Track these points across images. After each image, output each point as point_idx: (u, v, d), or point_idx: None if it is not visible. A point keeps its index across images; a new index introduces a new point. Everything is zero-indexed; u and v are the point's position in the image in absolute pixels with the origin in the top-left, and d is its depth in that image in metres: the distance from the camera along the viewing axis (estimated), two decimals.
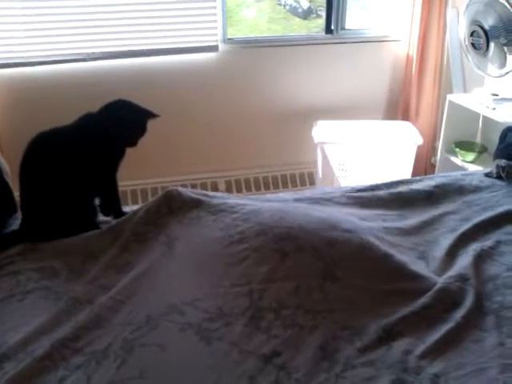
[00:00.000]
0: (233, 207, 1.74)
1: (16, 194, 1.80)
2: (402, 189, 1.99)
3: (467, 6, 2.69)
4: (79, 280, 1.51)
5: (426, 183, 2.04)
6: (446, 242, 1.66)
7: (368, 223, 1.72)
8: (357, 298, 1.40)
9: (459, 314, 1.33)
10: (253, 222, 1.62)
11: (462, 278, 1.44)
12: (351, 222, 1.66)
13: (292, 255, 1.49)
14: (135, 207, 2.03)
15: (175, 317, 1.31)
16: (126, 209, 1.95)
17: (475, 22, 2.64)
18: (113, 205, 1.87)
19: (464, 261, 1.53)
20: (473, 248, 1.60)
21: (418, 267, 1.51)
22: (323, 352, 1.23)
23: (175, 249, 1.59)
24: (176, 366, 1.18)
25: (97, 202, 1.83)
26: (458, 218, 1.81)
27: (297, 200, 1.90)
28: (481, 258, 1.55)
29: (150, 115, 1.82)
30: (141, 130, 1.81)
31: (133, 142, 1.81)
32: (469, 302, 1.37)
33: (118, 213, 1.86)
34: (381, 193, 1.96)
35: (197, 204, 1.78)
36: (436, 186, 2.01)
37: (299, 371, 1.17)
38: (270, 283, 1.42)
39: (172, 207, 1.77)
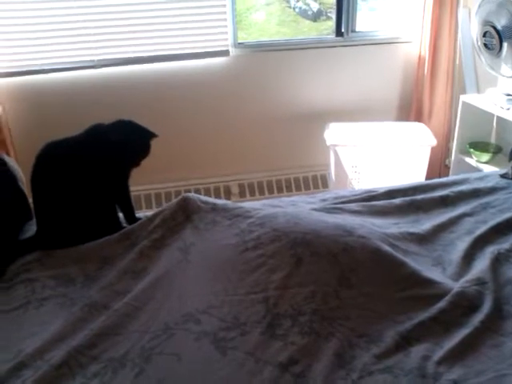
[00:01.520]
0: (248, 211, 1.74)
1: (31, 200, 1.82)
2: (417, 196, 1.97)
3: (479, 6, 2.66)
4: (95, 286, 1.52)
5: (440, 188, 2.02)
6: (463, 245, 1.65)
7: (383, 230, 1.70)
8: (372, 304, 1.39)
9: (477, 318, 1.31)
10: (268, 228, 1.61)
11: (480, 282, 1.42)
12: (366, 228, 1.65)
13: (307, 261, 1.48)
14: (149, 212, 2.04)
15: (191, 325, 1.30)
16: (140, 214, 1.95)
17: (488, 23, 2.61)
18: (126, 211, 1.87)
19: (481, 264, 1.51)
20: (490, 251, 1.58)
21: (433, 274, 1.50)
22: (340, 360, 1.22)
23: (191, 255, 1.59)
24: (193, 376, 1.17)
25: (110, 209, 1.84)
26: (474, 221, 1.79)
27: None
28: (498, 261, 1.53)
29: (151, 136, 1.83)
30: (145, 154, 1.83)
31: (136, 165, 1.83)
32: (487, 306, 1.35)
33: (132, 219, 1.86)
34: (395, 201, 1.93)
35: (212, 208, 1.78)
36: (451, 190, 1.99)
37: (316, 379, 1.16)
38: (285, 290, 1.41)
39: (187, 213, 1.77)
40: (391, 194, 2.00)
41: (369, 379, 1.16)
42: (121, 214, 1.88)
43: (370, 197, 1.99)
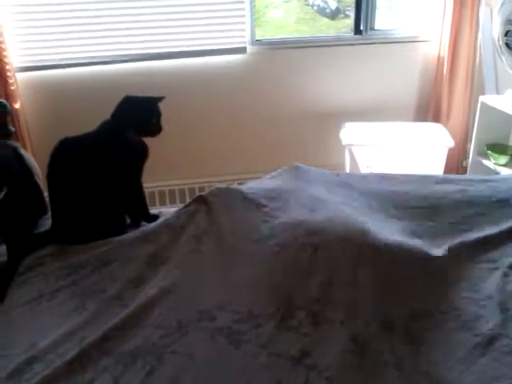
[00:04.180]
0: (262, 203, 1.74)
1: (46, 194, 1.83)
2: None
3: (502, 5, 2.62)
4: (105, 271, 1.53)
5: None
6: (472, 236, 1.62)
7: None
8: (389, 287, 1.37)
9: (485, 326, 1.28)
10: (283, 216, 1.61)
11: (487, 296, 1.40)
12: (382, 220, 1.64)
13: (324, 248, 1.47)
14: (163, 209, 2.04)
15: (205, 323, 1.30)
16: (154, 210, 1.96)
17: (510, 22, 2.57)
18: (140, 208, 1.88)
19: (492, 276, 1.48)
20: (501, 260, 1.54)
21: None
22: (355, 344, 1.20)
23: (204, 245, 1.58)
24: (205, 374, 1.16)
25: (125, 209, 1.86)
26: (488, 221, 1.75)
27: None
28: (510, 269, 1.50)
29: (157, 99, 1.83)
30: (156, 114, 1.82)
31: (155, 128, 1.82)
32: (493, 315, 1.32)
33: (147, 216, 1.87)
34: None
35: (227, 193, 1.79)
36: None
37: (329, 369, 1.14)
38: (301, 280, 1.39)
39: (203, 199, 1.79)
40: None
41: (382, 372, 1.15)
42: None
43: None
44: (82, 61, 2.88)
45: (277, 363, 1.17)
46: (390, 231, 1.58)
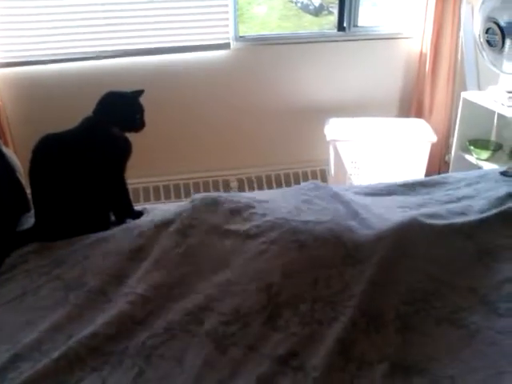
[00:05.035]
0: (251, 203, 1.74)
1: (29, 191, 1.81)
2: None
3: (483, 3, 2.65)
4: (88, 265, 1.51)
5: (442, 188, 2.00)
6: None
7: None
8: (376, 278, 1.38)
9: (470, 319, 1.29)
10: (270, 216, 1.62)
11: (471, 289, 1.40)
12: (370, 212, 1.65)
13: (310, 246, 1.48)
14: (147, 205, 2.03)
15: (193, 327, 1.28)
16: (138, 207, 1.95)
17: (491, 19, 2.60)
18: (124, 205, 1.87)
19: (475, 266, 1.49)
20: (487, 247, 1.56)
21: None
22: (341, 345, 1.20)
23: (190, 238, 1.58)
24: (192, 379, 1.15)
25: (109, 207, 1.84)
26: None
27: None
28: (493, 259, 1.51)
29: (138, 93, 1.83)
30: (138, 109, 1.81)
31: (139, 123, 1.81)
32: (477, 307, 1.33)
33: (131, 212, 1.86)
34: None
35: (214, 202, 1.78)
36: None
37: (316, 370, 1.14)
38: (288, 278, 1.40)
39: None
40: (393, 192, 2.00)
41: (367, 371, 1.15)
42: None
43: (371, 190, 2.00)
44: (64, 57, 2.84)
45: (264, 364, 1.16)
46: (381, 220, 1.59)
